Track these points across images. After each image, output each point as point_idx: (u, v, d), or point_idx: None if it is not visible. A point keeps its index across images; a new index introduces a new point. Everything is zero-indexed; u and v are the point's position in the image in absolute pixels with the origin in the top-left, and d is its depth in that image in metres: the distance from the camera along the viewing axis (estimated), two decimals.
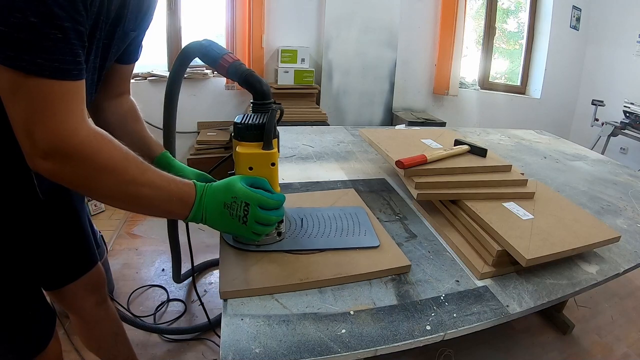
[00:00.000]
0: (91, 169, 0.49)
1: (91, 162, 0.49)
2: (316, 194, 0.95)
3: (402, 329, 0.57)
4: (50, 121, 0.45)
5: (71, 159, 0.48)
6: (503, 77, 3.80)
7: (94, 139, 0.50)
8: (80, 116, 0.48)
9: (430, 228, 0.86)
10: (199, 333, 1.47)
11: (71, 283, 0.88)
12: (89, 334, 1.03)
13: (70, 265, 0.87)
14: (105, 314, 1.02)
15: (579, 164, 1.42)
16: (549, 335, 1.54)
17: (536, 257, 0.67)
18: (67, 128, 0.47)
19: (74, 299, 0.91)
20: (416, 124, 2.86)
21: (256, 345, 0.51)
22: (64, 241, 0.84)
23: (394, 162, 0.90)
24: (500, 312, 0.62)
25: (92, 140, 0.49)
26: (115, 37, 0.62)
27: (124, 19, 0.61)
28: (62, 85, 0.45)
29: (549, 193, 0.94)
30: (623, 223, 0.97)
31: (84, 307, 0.95)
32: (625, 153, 3.38)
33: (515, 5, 3.59)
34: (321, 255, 0.69)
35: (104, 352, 1.08)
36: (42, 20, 0.42)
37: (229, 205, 0.58)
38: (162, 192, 0.56)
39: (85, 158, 0.48)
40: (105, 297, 1.01)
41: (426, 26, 3.14)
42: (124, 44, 0.68)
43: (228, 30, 2.66)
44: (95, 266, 0.93)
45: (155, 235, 2.12)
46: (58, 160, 0.47)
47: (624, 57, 3.34)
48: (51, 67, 0.44)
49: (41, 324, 0.76)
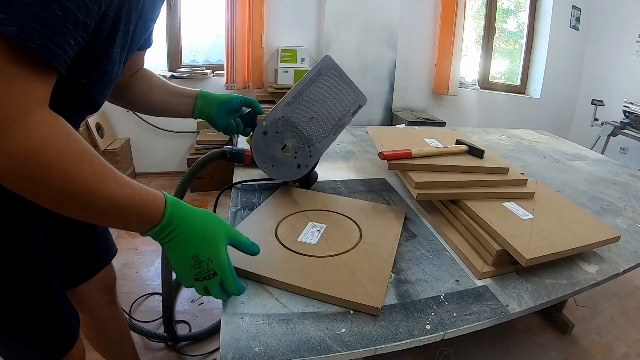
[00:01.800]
0: (38, 164, 0.41)
1: (40, 162, 0.41)
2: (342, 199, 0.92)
3: (402, 328, 0.57)
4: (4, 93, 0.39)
5: (9, 150, 0.39)
6: (503, 77, 3.80)
7: (49, 128, 0.42)
8: (40, 102, 0.42)
9: (430, 228, 0.86)
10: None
11: (86, 282, 0.89)
12: (98, 333, 1.03)
13: (86, 264, 0.88)
14: (114, 313, 1.03)
15: (579, 164, 1.42)
16: (549, 335, 1.54)
17: (536, 257, 0.67)
18: (20, 106, 0.40)
19: (86, 298, 0.92)
20: (416, 124, 2.86)
21: (256, 345, 0.51)
22: (82, 239, 0.85)
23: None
24: (500, 312, 0.62)
25: (46, 129, 0.41)
26: (137, 29, 0.62)
27: (144, 12, 0.61)
28: (42, 64, 0.40)
29: (549, 193, 0.95)
30: (623, 223, 0.97)
31: (96, 307, 0.95)
32: (625, 153, 3.38)
33: (515, 5, 3.59)
34: (321, 261, 0.69)
35: (111, 352, 1.08)
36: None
37: (198, 262, 0.53)
38: (120, 205, 0.47)
39: (29, 153, 0.40)
40: (115, 296, 1.02)
41: (426, 26, 3.15)
42: (145, 34, 0.68)
43: (228, 30, 2.66)
44: (108, 265, 0.95)
45: None
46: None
47: (624, 57, 3.34)
48: (39, 40, 0.38)
49: (68, 324, 0.75)
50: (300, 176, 0.90)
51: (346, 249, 0.71)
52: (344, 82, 0.90)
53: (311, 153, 0.89)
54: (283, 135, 0.86)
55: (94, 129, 2.49)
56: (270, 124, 0.85)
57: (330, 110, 0.89)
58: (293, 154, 0.88)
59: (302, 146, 0.88)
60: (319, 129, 0.89)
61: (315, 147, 0.89)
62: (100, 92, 0.63)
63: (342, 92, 0.90)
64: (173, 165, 2.97)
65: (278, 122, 0.85)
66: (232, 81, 2.76)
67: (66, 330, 0.74)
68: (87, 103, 0.63)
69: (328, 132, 0.90)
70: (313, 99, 0.87)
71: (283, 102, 0.86)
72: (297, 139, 0.88)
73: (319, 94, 0.88)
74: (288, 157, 0.88)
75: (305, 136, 0.88)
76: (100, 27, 0.49)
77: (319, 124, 0.88)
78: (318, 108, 0.88)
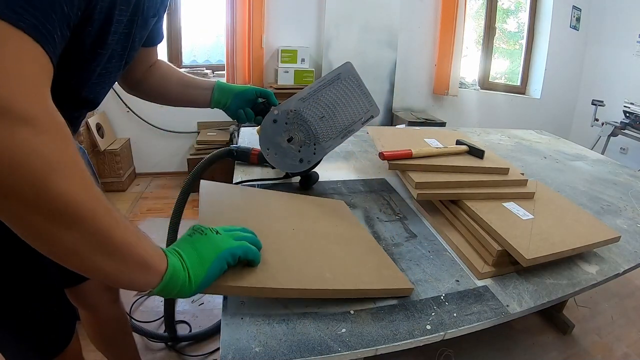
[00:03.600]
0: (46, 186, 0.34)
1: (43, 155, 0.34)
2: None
3: (402, 328, 0.57)
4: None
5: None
6: (503, 77, 3.80)
7: (50, 123, 0.37)
8: (41, 93, 0.37)
9: (430, 228, 0.86)
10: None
11: (88, 280, 0.88)
12: (100, 332, 1.03)
13: None
14: (117, 312, 1.03)
15: (579, 164, 1.42)
16: (549, 335, 1.54)
17: (536, 257, 0.67)
18: (19, 94, 0.34)
19: (90, 296, 0.92)
20: (416, 124, 2.86)
21: (256, 344, 0.51)
22: None
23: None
24: (500, 312, 0.62)
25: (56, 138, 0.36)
26: (135, 25, 0.62)
27: (142, 7, 0.60)
28: (32, 48, 0.37)
29: (549, 193, 0.95)
30: (623, 223, 0.97)
31: (99, 305, 0.96)
32: (625, 153, 3.38)
33: (515, 5, 3.59)
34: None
35: (112, 351, 1.08)
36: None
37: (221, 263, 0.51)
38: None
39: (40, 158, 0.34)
40: (117, 295, 1.02)
41: (426, 26, 3.15)
42: (146, 30, 0.68)
43: (228, 30, 2.66)
44: None
45: (155, 235, 2.12)
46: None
47: (624, 57, 3.34)
48: (20, 15, 0.35)
49: (65, 322, 0.76)
50: (299, 170, 0.91)
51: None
52: (361, 90, 0.93)
53: (315, 150, 0.90)
54: (291, 127, 0.89)
55: (94, 129, 2.49)
56: (281, 113, 0.88)
57: (342, 113, 0.91)
58: (297, 147, 0.89)
59: (307, 142, 0.90)
60: (328, 129, 0.91)
61: (320, 145, 0.90)
62: (93, 90, 0.63)
63: (357, 99, 0.92)
64: (173, 165, 2.97)
65: (289, 113, 0.88)
66: (232, 81, 2.76)
67: (63, 328, 0.74)
68: (82, 101, 0.63)
69: (336, 134, 0.91)
70: (327, 99, 0.90)
71: (297, 96, 0.88)
72: (304, 134, 0.89)
73: (333, 95, 0.90)
74: (292, 149, 0.89)
75: (313, 133, 0.90)
76: (87, 30, 0.49)
77: (328, 124, 0.90)
78: (330, 109, 0.90)
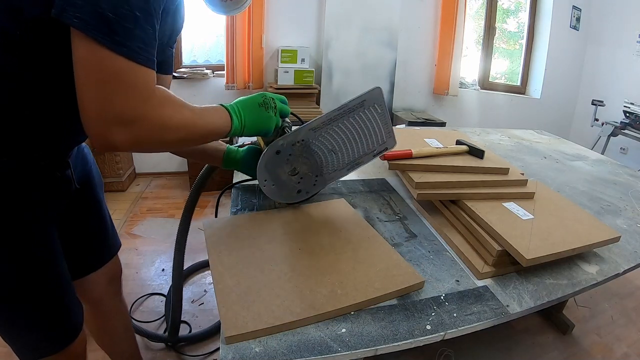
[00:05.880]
0: (166, 128, 0.57)
1: (165, 121, 0.56)
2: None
3: (402, 328, 0.57)
4: (132, 95, 0.51)
5: (147, 122, 0.53)
6: (503, 77, 3.80)
7: (165, 102, 0.57)
8: (152, 88, 0.55)
9: (430, 228, 0.86)
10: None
11: (93, 272, 0.91)
12: (102, 326, 1.04)
13: (94, 254, 0.91)
14: (119, 306, 1.04)
15: (579, 164, 1.42)
16: (549, 335, 1.54)
17: (536, 257, 0.67)
18: (144, 99, 0.53)
19: (93, 289, 0.93)
20: (416, 124, 2.86)
21: (256, 344, 0.51)
22: (91, 229, 0.88)
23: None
24: (500, 312, 0.62)
25: (164, 103, 0.56)
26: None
27: (165, 38, 0.70)
28: (147, 72, 0.52)
29: (549, 193, 0.95)
30: (623, 223, 0.97)
31: (102, 298, 0.97)
32: (625, 153, 3.38)
33: (515, 5, 3.59)
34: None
35: (114, 346, 1.09)
36: (144, 16, 0.49)
37: (263, 103, 0.72)
38: (213, 126, 0.65)
39: (159, 118, 0.55)
40: (120, 289, 1.04)
41: (426, 26, 3.15)
42: (160, 58, 0.70)
43: (228, 31, 2.66)
44: (115, 256, 0.97)
45: (155, 235, 2.12)
46: (138, 126, 0.52)
47: (624, 57, 3.34)
48: (144, 56, 0.51)
49: (73, 314, 0.77)
50: (295, 201, 0.85)
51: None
52: (382, 120, 0.82)
53: (316, 182, 0.83)
54: (296, 159, 0.79)
55: None
56: (286, 144, 0.76)
57: (354, 146, 0.82)
58: (298, 179, 0.81)
59: (310, 174, 0.82)
60: (335, 161, 0.82)
61: (323, 177, 0.83)
62: None
63: (375, 130, 0.82)
64: (173, 165, 2.97)
65: (295, 144, 0.77)
66: (232, 81, 2.76)
67: (71, 319, 0.76)
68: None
69: (342, 166, 0.83)
70: (342, 130, 0.79)
71: (308, 125, 0.77)
72: (308, 166, 0.81)
73: (350, 126, 0.79)
74: (292, 181, 0.81)
75: (318, 165, 0.81)
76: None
77: (336, 156, 0.82)
78: (343, 141, 0.81)
